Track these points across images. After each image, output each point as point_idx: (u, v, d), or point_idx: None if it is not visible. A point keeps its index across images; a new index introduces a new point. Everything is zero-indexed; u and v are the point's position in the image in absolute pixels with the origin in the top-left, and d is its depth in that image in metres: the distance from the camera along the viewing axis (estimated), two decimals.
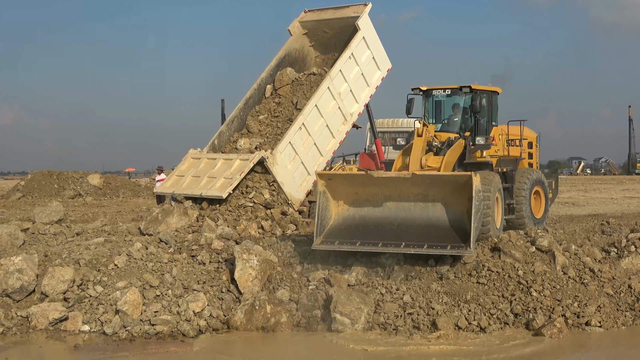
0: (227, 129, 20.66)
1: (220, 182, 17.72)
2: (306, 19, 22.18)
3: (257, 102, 21.19)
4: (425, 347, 10.75)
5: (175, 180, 18.98)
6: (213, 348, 10.87)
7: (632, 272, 13.20)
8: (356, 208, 13.82)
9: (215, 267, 12.89)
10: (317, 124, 19.86)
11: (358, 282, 12.52)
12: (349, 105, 20.70)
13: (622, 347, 10.91)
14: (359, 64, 20.87)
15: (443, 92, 17.96)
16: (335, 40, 21.93)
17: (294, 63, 22.07)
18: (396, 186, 13.65)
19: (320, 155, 20.04)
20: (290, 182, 18.82)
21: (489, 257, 12.88)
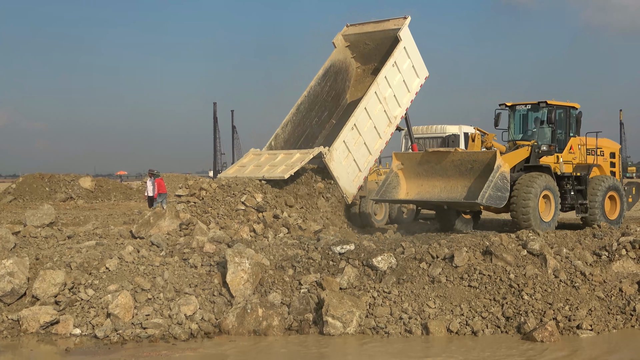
0: (282, 132, 23.24)
1: (282, 168, 19.91)
2: (348, 32, 24.74)
3: (309, 108, 23.99)
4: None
5: (237, 169, 21.44)
6: (204, 351, 10.85)
7: (623, 275, 13.24)
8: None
9: (207, 270, 12.88)
10: (366, 125, 22.25)
11: (350, 286, 12.53)
12: (393, 109, 23.15)
13: (613, 350, 10.92)
14: (401, 71, 23.26)
15: (525, 106, 20.84)
16: (375, 52, 24.47)
17: (338, 73, 24.78)
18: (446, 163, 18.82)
19: (369, 154, 22.46)
20: (345, 177, 21.30)
21: (480, 260, 12.91)
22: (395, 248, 13.54)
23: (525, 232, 14.47)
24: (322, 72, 24.49)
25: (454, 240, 13.59)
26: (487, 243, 13.30)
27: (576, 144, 20.73)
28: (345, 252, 13.37)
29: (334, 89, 25.02)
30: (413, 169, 19.54)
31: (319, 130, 24.69)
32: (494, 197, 17.49)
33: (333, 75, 24.76)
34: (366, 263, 13.01)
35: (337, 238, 14.74)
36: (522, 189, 18.42)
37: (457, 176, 18.57)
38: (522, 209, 18.29)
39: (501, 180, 17.67)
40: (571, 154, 20.52)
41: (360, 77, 25.35)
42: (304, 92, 24.09)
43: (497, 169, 17.64)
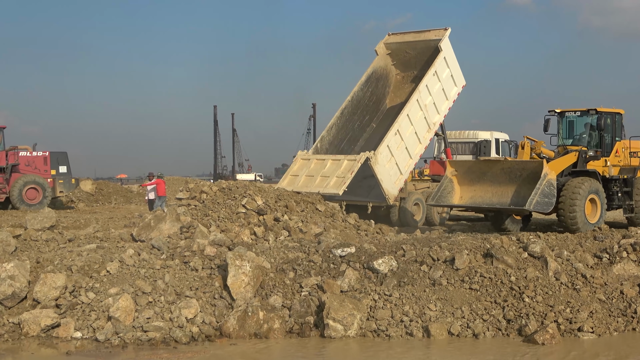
0: (327, 134, 24.91)
1: (334, 181, 21.81)
2: (390, 41, 26.27)
3: (352, 112, 25.56)
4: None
5: (290, 179, 22.92)
6: (205, 355, 10.85)
7: (624, 277, 13.23)
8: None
9: (207, 273, 12.88)
10: (408, 130, 23.74)
11: (351, 288, 12.53)
12: (432, 116, 24.72)
13: (614, 353, 10.91)
14: (440, 80, 24.76)
15: (574, 113, 22.11)
16: (415, 60, 26.07)
17: (379, 79, 26.34)
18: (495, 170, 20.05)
19: (410, 158, 24.06)
20: (387, 180, 22.89)
21: (481, 263, 12.91)
22: (396, 251, 13.54)
23: (526, 235, 14.47)
24: (364, 79, 25.86)
25: (454, 243, 13.59)
26: (488, 246, 13.31)
27: (621, 148, 21.91)
28: (346, 254, 13.38)
29: (375, 94, 26.35)
30: (466, 176, 20.80)
31: (361, 134, 26.11)
32: (541, 203, 18.60)
33: (374, 82, 26.12)
34: (367, 266, 13.01)
35: (337, 241, 14.74)
36: (569, 194, 19.43)
37: (506, 183, 19.88)
38: (569, 213, 19.29)
39: (548, 187, 18.86)
40: (617, 157, 21.73)
41: (399, 83, 26.77)
42: (347, 97, 25.49)
43: (544, 176, 18.85)
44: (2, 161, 32.31)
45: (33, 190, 32.49)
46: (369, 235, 18.09)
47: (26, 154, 33.52)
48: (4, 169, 32.09)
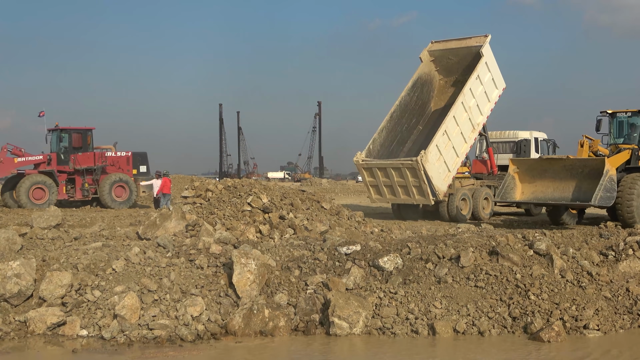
0: (378, 137, 27.22)
1: (416, 190, 25.26)
2: (433, 48, 28.55)
3: (400, 116, 27.82)
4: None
5: (374, 190, 26.60)
6: (211, 352, 10.86)
7: (630, 275, 13.21)
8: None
9: (213, 271, 12.89)
10: (454, 130, 25.87)
11: (356, 286, 12.53)
12: (476, 117, 26.81)
13: (620, 350, 10.89)
14: (483, 83, 26.88)
15: (625, 114, 23.69)
16: (457, 66, 28.26)
17: (424, 84, 28.55)
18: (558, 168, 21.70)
19: (457, 156, 26.13)
20: (437, 177, 25.04)
21: (487, 260, 12.89)
22: (402, 248, 13.53)
23: (532, 232, 14.45)
24: (410, 84, 28.14)
25: (460, 240, 13.57)
26: (493, 243, 13.28)
27: None
28: (351, 252, 13.38)
29: (421, 98, 28.54)
30: (527, 173, 22.50)
31: (408, 136, 28.24)
32: (604, 198, 20.31)
33: (420, 87, 28.37)
34: (372, 264, 13.01)
35: (343, 239, 14.74)
36: (626, 190, 21.13)
37: (568, 179, 21.49)
38: (626, 208, 21.02)
39: (609, 183, 20.56)
40: None
41: (442, 88, 28.99)
42: (395, 102, 27.81)
43: (606, 173, 20.44)
44: (91, 162, 34.07)
45: (120, 189, 33.73)
46: (375, 233, 18.08)
47: (111, 154, 35.10)
48: (94, 170, 33.77)
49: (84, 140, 34.51)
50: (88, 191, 33.67)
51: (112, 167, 34.51)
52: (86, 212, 29.97)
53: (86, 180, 33.69)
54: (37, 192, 32.05)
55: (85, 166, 33.84)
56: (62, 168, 33.66)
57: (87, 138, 34.69)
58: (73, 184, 33.95)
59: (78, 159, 33.84)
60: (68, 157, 33.94)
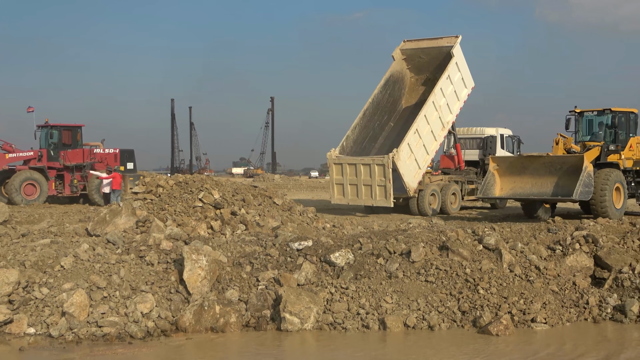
0: (351, 134, 28.01)
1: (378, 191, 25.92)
2: (405, 47, 29.46)
3: (372, 113, 28.65)
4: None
5: (338, 189, 27.21)
6: (161, 349, 10.79)
7: (577, 269, 13.44)
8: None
9: (163, 267, 12.79)
10: (425, 129, 26.82)
11: (308, 282, 12.55)
12: (446, 115, 27.82)
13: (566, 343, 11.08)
14: (453, 83, 27.89)
15: (592, 113, 25.23)
16: (428, 65, 29.19)
17: (396, 82, 29.46)
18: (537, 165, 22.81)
19: (427, 154, 27.13)
20: (408, 174, 26.06)
21: (437, 255, 13.01)
22: (353, 244, 13.58)
23: (481, 227, 14.62)
24: (383, 82, 28.99)
25: (411, 236, 13.67)
26: (443, 238, 13.41)
27: (635, 143, 24.91)
28: (303, 248, 13.39)
29: (392, 96, 29.45)
30: (507, 170, 23.59)
31: (380, 132, 29.05)
32: (584, 192, 21.52)
33: (392, 84, 29.25)
34: (324, 259, 13.04)
35: (294, 234, 14.75)
36: (599, 184, 22.40)
37: (546, 175, 22.64)
38: (600, 201, 22.27)
39: (588, 178, 21.74)
40: (631, 151, 24.70)
41: (413, 85, 29.97)
42: (368, 99, 28.59)
43: (585, 169, 21.63)
44: (80, 158, 34.37)
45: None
46: (326, 229, 18.12)
47: (99, 151, 35.34)
48: (84, 167, 33.93)
49: (73, 137, 34.86)
50: (77, 187, 33.74)
51: (100, 164, 34.57)
52: (34, 208, 29.51)
53: (75, 177, 33.64)
54: (28, 188, 32.26)
55: (75, 163, 34.04)
56: (51, 164, 33.81)
57: (76, 135, 35.03)
58: (62, 180, 34.04)
59: (68, 155, 34.05)
60: (58, 154, 34.14)
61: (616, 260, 13.47)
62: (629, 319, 12.17)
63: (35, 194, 32.32)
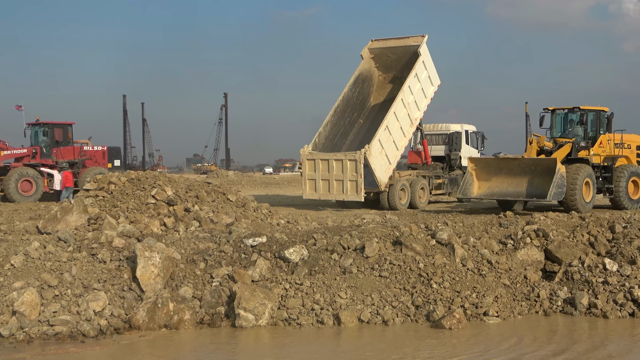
0: (323, 130, 29.00)
1: (350, 186, 26.83)
2: (373, 46, 30.40)
3: (343, 110, 29.62)
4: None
5: (310, 184, 27.91)
6: (114, 347, 10.69)
7: (528, 263, 13.65)
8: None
9: (116, 265, 12.66)
10: (395, 126, 27.80)
11: (262, 278, 12.53)
12: (414, 112, 28.88)
13: (518, 335, 11.24)
14: (420, 81, 28.88)
15: (563, 111, 26.55)
16: (396, 63, 30.19)
17: (365, 80, 30.41)
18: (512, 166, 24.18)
19: (397, 149, 28.14)
20: (379, 169, 27.03)
21: (391, 250, 13.08)
22: (307, 240, 13.59)
23: (434, 222, 14.74)
24: (352, 80, 29.95)
25: (364, 231, 13.73)
26: (397, 233, 13.49)
27: (605, 140, 26.20)
28: (257, 244, 13.37)
29: (362, 94, 30.43)
30: (484, 170, 24.74)
31: (350, 129, 30.16)
32: (557, 193, 22.72)
33: (361, 83, 30.22)
34: (278, 255, 13.03)
35: (249, 231, 14.71)
36: (570, 179, 23.57)
37: (521, 176, 23.83)
38: (570, 196, 23.44)
39: (560, 179, 22.95)
40: (601, 147, 25.99)
41: (381, 83, 30.94)
42: (339, 97, 29.52)
43: (557, 171, 22.82)
44: (72, 155, 35.26)
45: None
46: (281, 225, 18.11)
47: (88, 148, 36.37)
48: (75, 163, 34.74)
49: (64, 135, 35.73)
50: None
51: (89, 161, 35.57)
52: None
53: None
54: (24, 185, 32.90)
55: (68, 160, 34.65)
56: (44, 161, 34.35)
57: (67, 132, 35.97)
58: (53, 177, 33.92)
59: (61, 152, 34.85)
60: (50, 151, 34.90)
61: (566, 254, 13.71)
62: (579, 311, 12.38)
63: (32, 190, 33.01)
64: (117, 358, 10.39)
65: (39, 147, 34.82)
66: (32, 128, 35.63)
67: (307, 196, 28.66)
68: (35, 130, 35.50)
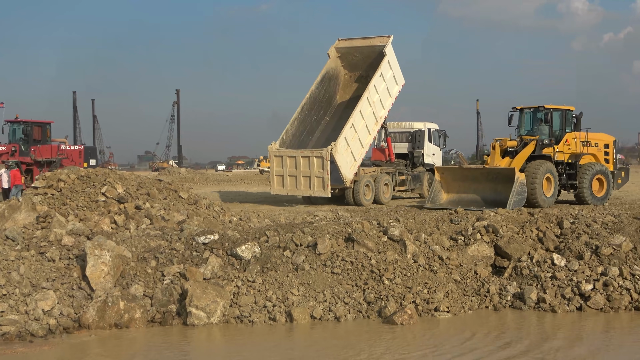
0: (290, 127, 29.64)
1: (316, 182, 27.53)
2: (340, 45, 31.19)
3: (309, 108, 30.28)
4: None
5: (278, 181, 28.63)
6: (63, 347, 10.55)
7: (478, 258, 13.82)
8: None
9: (65, 263, 12.49)
10: (360, 124, 28.56)
11: (214, 275, 12.48)
12: (379, 111, 29.65)
13: (468, 330, 11.36)
14: (385, 80, 29.72)
15: (530, 109, 27.53)
16: (361, 62, 30.94)
17: (331, 79, 31.19)
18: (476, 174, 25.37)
19: (362, 147, 28.90)
20: (345, 166, 27.71)
21: (343, 247, 13.12)
22: (260, 237, 13.57)
23: (386, 219, 14.82)
24: (319, 78, 30.67)
25: (317, 228, 13.75)
26: (349, 230, 13.54)
27: (571, 138, 27.11)
28: (209, 242, 13.30)
29: (328, 92, 31.15)
30: (451, 178, 25.88)
31: (317, 126, 30.88)
32: (517, 201, 23.56)
33: (327, 81, 30.98)
34: (230, 252, 12.98)
35: (200, 228, 14.63)
36: (530, 174, 24.65)
37: (485, 182, 24.88)
38: (530, 190, 24.39)
39: (520, 187, 23.90)
40: (566, 145, 26.91)
41: (347, 82, 31.77)
42: (306, 95, 30.22)
43: (516, 180, 23.76)
44: (48, 154, 35.53)
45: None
46: (233, 222, 18.05)
47: (65, 147, 36.90)
48: (54, 162, 34.96)
49: (43, 133, 36.04)
50: None
51: (66, 160, 35.69)
52: None
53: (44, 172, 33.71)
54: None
55: (46, 158, 35.08)
56: (22, 159, 34.33)
57: (46, 131, 36.28)
58: (29, 174, 34.47)
59: (39, 150, 35.04)
60: (28, 149, 35.02)
61: (515, 250, 13.91)
62: (528, 306, 12.58)
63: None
64: (66, 358, 10.25)
65: (18, 145, 34.89)
66: (11, 125, 35.75)
67: (275, 192, 29.29)
68: (14, 128, 35.67)
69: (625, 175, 29.62)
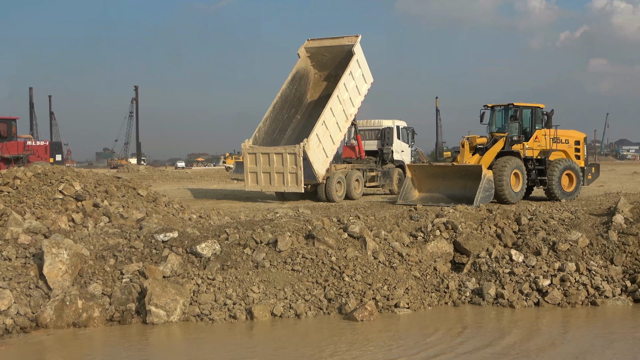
0: (263, 125, 30.13)
1: (290, 178, 28.09)
2: (309, 45, 31.78)
3: (281, 106, 30.89)
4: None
5: (252, 177, 29.12)
6: (20, 346, 10.41)
7: (437, 255, 13.92)
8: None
9: (22, 262, 12.31)
10: (331, 121, 29.29)
11: (174, 273, 12.41)
12: (349, 108, 30.36)
13: (427, 326, 11.44)
14: (354, 78, 30.47)
15: (500, 107, 27.97)
16: (331, 62, 31.70)
17: (301, 78, 31.89)
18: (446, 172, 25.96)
19: (333, 143, 29.62)
20: (317, 162, 28.39)
21: (303, 244, 13.13)
22: (220, 234, 13.52)
23: (346, 216, 14.86)
24: (290, 78, 31.30)
25: (277, 225, 13.74)
26: (309, 227, 13.55)
27: (541, 135, 27.46)
28: (169, 239, 13.22)
29: (299, 91, 31.75)
30: (422, 175, 26.45)
31: (289, 124, 31.41)
32: (485, 197, 24.01)
33: (298, 80, 31.61)
34: (190, 250, 12.92)
35: (160, 226, 14.52)
36: (498, 170, 25.18)
37: (455, 179, 25.45)
38: (498, 185, 24.87)
39: (487, 184, 24.38)
40: (536, 142, 27.29)
41: (317, 81, 32.37)
42: (277, 94, 30.87)
43: (483, 177, 24.25)
44: (14, 151, 35.52)
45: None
46: (193, 220, 17.95)
47: (31, 143, 37.15)
48: (21, 158, 35.08)
49: (9, 130, 35.92)
50: None
51: (32, 156, 35.83)
52: None
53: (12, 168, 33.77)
54: None
55: (13, 154, 35.14)
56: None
57: (12, 127, 36.22)
58: None
59: (6, 147, 35.08)
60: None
61: (474, 246, 14.04)
62: (487, 301, 12.70)
63: None
64: (23, 357, 10.13)
65: None
66: None
67: (249, 188, 29.76)
68: None
69: (596, 171, 29.94)
